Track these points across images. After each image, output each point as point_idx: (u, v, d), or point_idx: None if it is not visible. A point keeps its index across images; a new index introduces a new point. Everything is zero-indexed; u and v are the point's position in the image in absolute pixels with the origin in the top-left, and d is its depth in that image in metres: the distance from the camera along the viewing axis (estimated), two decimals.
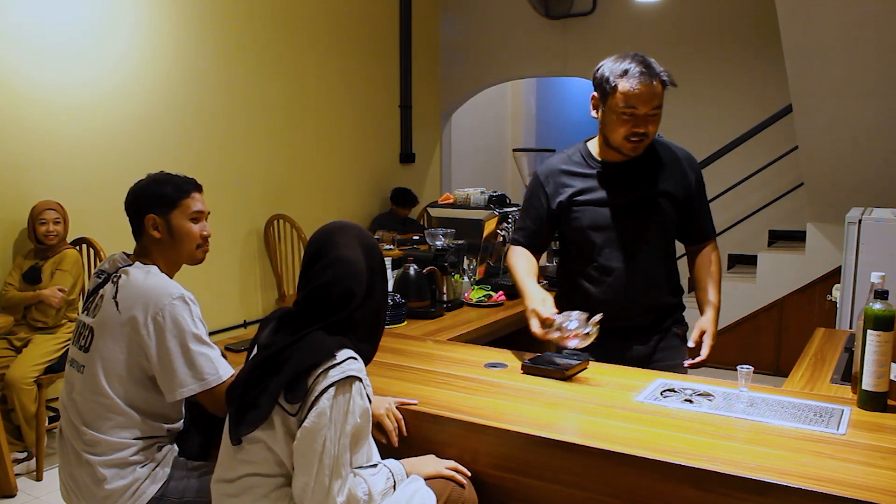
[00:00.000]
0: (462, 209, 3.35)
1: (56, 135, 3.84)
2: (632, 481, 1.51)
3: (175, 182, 1.93)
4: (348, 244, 1.61)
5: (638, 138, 2.07)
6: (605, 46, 6.25)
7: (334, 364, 1.47)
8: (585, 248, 2.20)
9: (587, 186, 2.18)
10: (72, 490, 1.83)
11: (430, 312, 2.79)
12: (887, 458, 1.47)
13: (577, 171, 2.21)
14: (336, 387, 1.46)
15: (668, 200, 2.17)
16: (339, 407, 1.45)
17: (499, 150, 8.26)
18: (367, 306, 1.61)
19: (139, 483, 1.76)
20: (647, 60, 2.05)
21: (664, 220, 2.18)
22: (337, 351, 1.50)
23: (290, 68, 5.28)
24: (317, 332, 1.53)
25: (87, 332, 1.84)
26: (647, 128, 2.06)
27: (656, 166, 2.18)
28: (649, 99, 2.01)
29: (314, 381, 1.47)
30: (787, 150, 4.93)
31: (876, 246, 3.00)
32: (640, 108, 2.02)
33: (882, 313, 1.67)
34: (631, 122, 2.04)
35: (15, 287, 3.48)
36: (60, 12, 3.82)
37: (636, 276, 2.17)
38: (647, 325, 2.23)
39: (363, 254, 1.62)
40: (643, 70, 2.01)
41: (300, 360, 1.49)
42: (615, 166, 2.17)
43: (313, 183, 5.58)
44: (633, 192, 2.16)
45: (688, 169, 2.22)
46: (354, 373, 1.48)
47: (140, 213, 1.90)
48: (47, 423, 3.41)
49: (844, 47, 3.60)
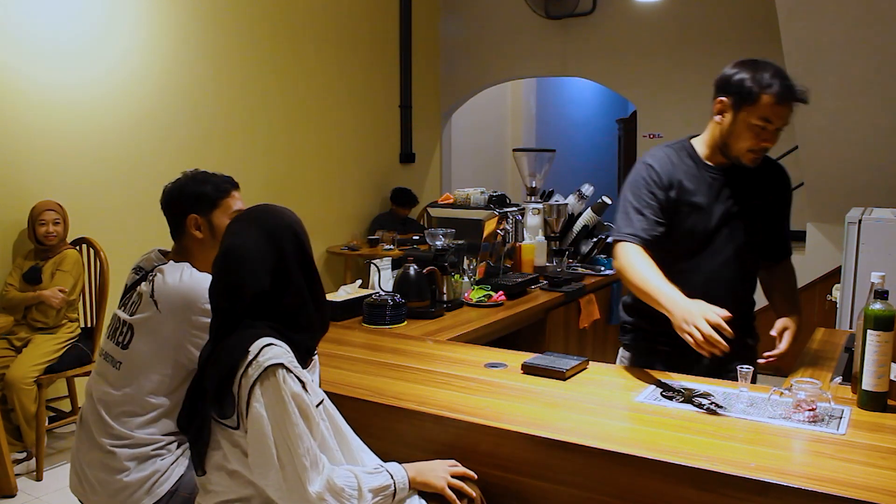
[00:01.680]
0: (462, 209, 3.35)
1: (56, 135, 3.84)
2: (632, 481, 1.51)
3: (214, 181, 1.93)
4: (242, 231, 1.52)
5: (761, 150, 2.04)
6: (605, 46, 6.26)
7: (251, 361, 1.39)
8: (677, 250, 2.11)
9: (694, 188, 2.11)
10: (84, 479, 1.83)
11: (430, 312, 2.79)
12: (887, 458, 1.47)
13: (687, 170, 2.14)
14: (259, 383, 1.38)
15: (765, 213, 2.16)
16: (272, 402, 1.37)
17: (499, 150, 8.26)
18: (287, 293, 1.49)
19: (157, 476, 1.77)
20: (786, 74, 2.00)
21: (757, 232, 2.14)
22: (250, 345, 1.40)
23: (290, 69, 5.28)
24: (226, 337, 1.45)
25: (125, 329, 1.84)
26: (773, 142, 2.03)
27: (760, 178, 2.15)
28: (786, 115, 1.99)
29: (238, 386, 1.39)
30: (788, 150, 4.93)
31: (876, 246, 3.00)
32: (775, 123, 1.99)
33: (882, 313, 1.67)
34: (762, 135, 2.00)
35: (15, 287, 3.48)
36: (60, 12, 3.82)
37: (723, 285, 2.10)
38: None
39: (264, 238, 1.49)
40: (789, 86, 1.97)
41: (217, 371, 1.41)
42: (724, 172, 2.12)
43: (313, 183, 5.58)
44: (737, 202, 2.11)
45: (780, 184, 2.20)
46: (272, 361, 1.39)
47: (181, 213, 1.89)
48: (47, 423, 3.41)
49: (844, 47, 3.60)
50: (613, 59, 6.17)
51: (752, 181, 2.12)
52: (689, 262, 2.11)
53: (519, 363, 2.08)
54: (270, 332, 1.44)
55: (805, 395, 1.66)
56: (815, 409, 1.65)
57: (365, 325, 2.64)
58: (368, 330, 2.59)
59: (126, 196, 4.14)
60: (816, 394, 1.67)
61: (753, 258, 2.19)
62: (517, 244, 3.50)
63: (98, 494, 1.80)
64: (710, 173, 2.12)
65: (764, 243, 2.19)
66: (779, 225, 2.21)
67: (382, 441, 1.85)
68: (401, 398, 1.85)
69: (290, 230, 1.53)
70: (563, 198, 3.88)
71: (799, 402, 1.66)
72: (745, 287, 2.20)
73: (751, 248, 2.14)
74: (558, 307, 3.19)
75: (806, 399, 1.65)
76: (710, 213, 2.09)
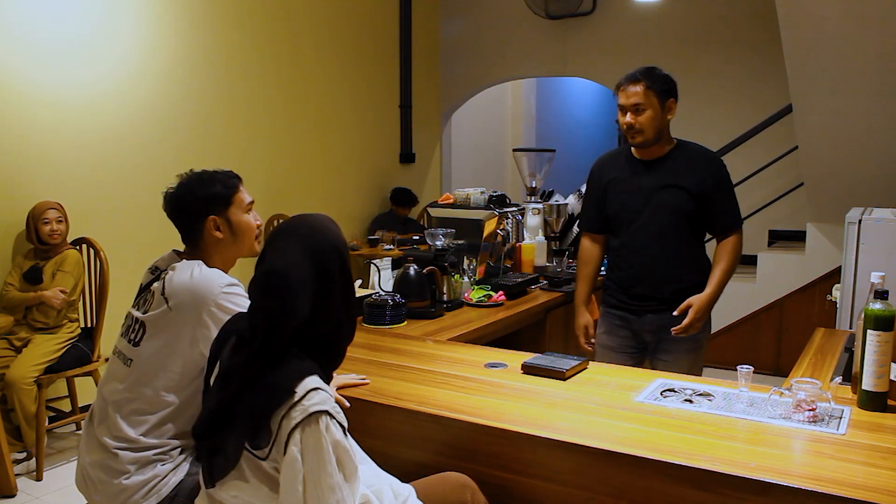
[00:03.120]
0: (462, 209, 3.35)
1: (56, 135, 3.83)
2: (632, 481, 1.51)
3: (221, 179, 1.92)
4: (286, 248, 1.44)
5: (627, 128, 2.52)
6: (605, 46, 6.26)
7: (295, 402, 1.32)
8: (612, 228, 2.67)
9: (622, 176, 2.63)
10: (87, 477, 1.83)
11: (430, 312, 2.79)
12: (887, 458, 1.47)
13: (617, 163, 2.67)
14: (301, 428, 1.32)
15: (683, 192, 2.51)
16: (310, 449, 1.31)
17: (499, 150, 8.26)
18: (325, 321, 1.43)
19: (157, 480, 1.76)
20: (644, 69, 2.55)
21: (678, 207, 2.52)
22: (296, 385, 1.34)
23: (291, 69, 5.28)
24: (268, 367, 1.38)
25: (137, 327, 1.84)
26: (634, 122, 2.48)
27: (676, 164, 2.55)
28: (628, 96, 2.49)
29: (278, 424, 1.33)
30: (787, 150, 4.93)
31: (876, 246, 2.99)
32: (620, 100, 2.52)
33: (882, 313, 1.67)
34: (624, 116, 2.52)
35: (16, 287, 3.47)
36: (61, 12, 3.82)
37: (653, 255, 2.56)
38: (668, 298, 2.55)
39: (309, 261, 1.42)
40: (626, 75, 2.54)
41: (257, 404, 1.35)
42: (650, 162, 2.59)
43: (313, 183, 5.58)
44: (652, 183, 2.55)
45: (705, 169, 2.54)
46: (318, 407, 1.32)
47: (197, 217, 1.88)
48: (47, 423, 3.41)
49: (844, 46, 3.60)
50: (613, 59, 6.17)
51: (676, 168, 2.54)
52: (622, 239, 2.63)
53: (519, 363, 2.08)
54: (315, 369, 1.38)
55: (805, 395, 1.66)
56: (815, 409, 1.65)
57: (365, 325, 2.64)
58: (368, 330, 2.59)
59: (126, 196, 4.14)
60: (816, 394, 1.67)
61: (685, 230, 2.55)
62: (517, 244, 3.50)
63: (99, 493, 1.80)
64: (637, 164, 2.60)
65: (702, 220, 2.56)
66: (709, 203, 2.53)
67: (382, 441, 1.85)
68: (401, 398, 1.85)
69: (336, 252, 1.46)
70: (563, 198, 3.88)
71: (799, 402, 1.66)
72: (682, 254, 2.57)
73: (677, 221, 2.53)
74: (558, 307, 3.19)
75: (806, 399, 1.66)
76: (637, 192, 2.57)
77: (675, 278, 2.57)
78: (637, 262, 2.60)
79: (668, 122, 2.55)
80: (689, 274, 2.57)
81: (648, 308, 2.60)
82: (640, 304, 2.61)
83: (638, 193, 2.57)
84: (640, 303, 2.61)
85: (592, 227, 2.78)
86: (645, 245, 2.58)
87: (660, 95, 2.49)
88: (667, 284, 2.57)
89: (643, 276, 2.60)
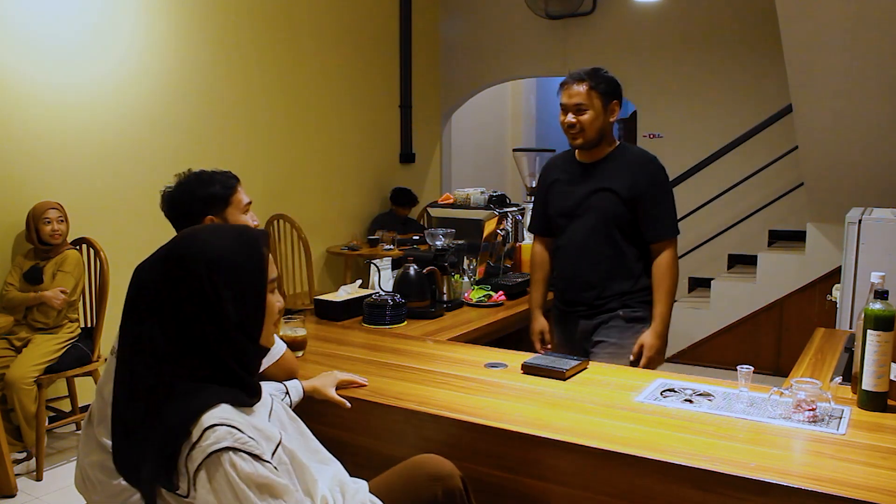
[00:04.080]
0: (462, 209, 3.35)
1: (56, 135, 3.83)
2: (632, 481, 1.51)
3: (219, 179, 1.93)
4: (149, 267, 1.35)
5: (568, 127, 2.48)
6: (605, 46, 6.26)
7: (193, 443, 1.23)
8: (554, 227, 2.66)
9: (563, 178, 2.62)
10: (86, 478, 1.83)
11: (430, 312, 2.79)
12: (887, 458, 1.47)
13: (562, 165, 2.66)
14: (205, 470, 1.23)
15: (614, 195, 2.47)
16: (223, 490, 1.23)
17: (499, 150, 8.26)
18: (213, 339, 1.31)
19: None
20: (589, 69, 2.49)
21: (607, 212, 2.48)
22: (192, 425, 1.24)
23: (291, 69, 5.28)
24: (163, 396, 1.28)
25: None
26: (575, 121, 2.45)
27: (612, 167, 2.51)
28: (569, 95, 2.46)
29: (184, 467, 1.25)
30: (787, 150, 4.93)
31: (876, 246, 2.99)
32: (562, 98, 2.49)
33: (882, 313, 1.67)
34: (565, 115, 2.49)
35: (16, 287, 3.47)
36: (60, 12, 3.82)
37: (580, 257, 2.54)
38: (593, 303, 2.54)
39: (168, 280, 1.32)
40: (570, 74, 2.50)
41: (159, 447, 1.26)
42: (589, 165, 2.56)
43: (313, 183, 5.58)
44: (587, 186, 2.52)
45: (638, 171, 2.48)
46: (216, 446, 1.23)
47: (195, 217, 1.89)
48: (47, 423, 3.41)
49: (844, 47, 3.60)
50: (613, 59, 6.16)
51: (611, 171, 2.50)
52: (558, 242, 2.62)
53: (519, 363, 2.08)
54: (219, 396, 1.28)
55: (805, 395, 1.66)
56: (815, 409, 1.65)
57: (365, 325, 2.64)
58: (368, 330, 2.59)
59: (126, 196, 4.14)
60: (816, 394, 1.67)
61: (614, 235, 2.49)
62: (517, 244, 3.50)
63: (98, 494, 1.80)
64: (578, 167, 2.58)
65: (634, 225, 2.48)
66: (640, 207, 2.46)
67: (382, 441, 1.85)
68: (401, 398, 1.85)
69: (206, 267, 1.31)
70: None
71: (799, 402, 1.66)
72: (608, 259, 2.51)
73: (605, 225, 2.48)
74: None
75: (806, 399, 1.66)
76: (572, 195, 2.55)
77: (599, 284, 2.52)
78: (567, 267, 2.60)
79: (610, 125, 2.51)
80: (615, 281, 2.51)
81: (579, 313, 2.58)
82: (570, 308, 2.61)
83: (573, 196, 2.55)
84: (570, 308, 2.60)
85: (537, 229, 2.77)
86: (574, 249, 2.56)
87: (603, 97, 2.45)
88: (589, 290, 2.54)
89: (571, 281, 2.59)
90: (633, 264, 2.52)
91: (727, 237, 5.42)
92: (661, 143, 6.04)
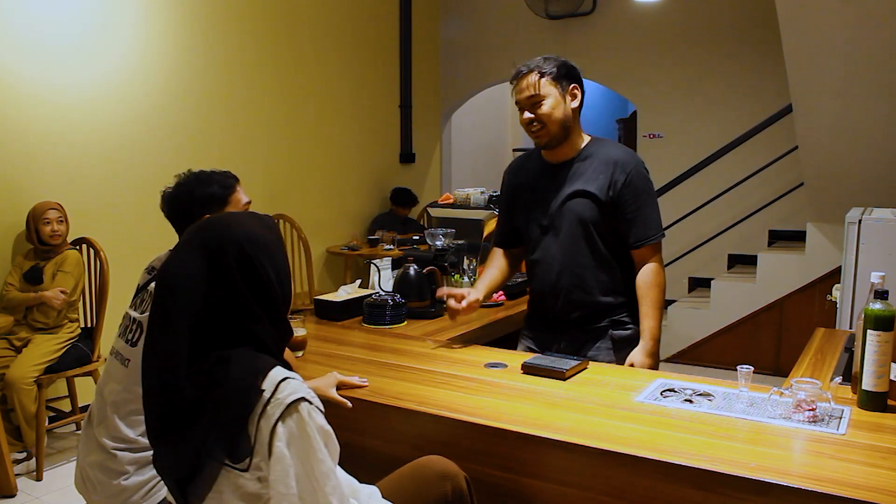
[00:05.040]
0: (462, 209, 3.35)
1: (56, 135, 3.84)
2: (632, 481, 1.51)
3: (218, 179, 1.93)
4: (180, 248, 1.37)
5: (527, 124, 2.23)
6: (605, 46, 6.26)
7: (268, 399, 1.24)
8: (525, 241, 2.39)
9: (533, 183, 2.33)
10: (86, 478, 1.83)
11: (430, 312, 2.79)
12: (887, 458, 1.47)
13: (528, 168, 2.39)
14: (283, 422, 1.23)
15: (589, 200, 2.21)
16: (296, 441, 1.24)
17: (499, 150, 8.26)
18: (245, 315, 1.32)
19: (156, 480, 1.77)
20: (540, 59, 2.27)
21: (584, 219, 2.22)
22: (261, 382, 1.25)
23: (291, 68, 5.28)
24: (220, 366, 1.27)
25: (134, 327, 1.84)
26: (533, 117, 2.20)
27: (585, 166, 2.25)
28: (522, 90, 2.22)
29: (256, 426, 1.24)
30: (787, 150, 4.93)
31: (876, 246, 2.99)
32: (515, 96, 2.24)
33: (882, 313, 1.67)
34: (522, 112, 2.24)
35: (16, 287, 3.48)
36: (61, 12, 3.82)
37: (560, 273, 2.26)
38: (576, 322, 2.28)
39: (201, 257, 1.32)
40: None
41: (227, 414, 1.25)
42: (560, 166, 2.29)
43: (313, 183, 5.58)
44: (559, 191, 2.25)
45: (617, 172, 2.20)
46: (294, 396, 1.25)
47: (194, 217, 1.87)
48: (47, 423, 3.41)
49: (844, 47, 3.60)
50: (613, 59, 6.17)
51: (584, 172, 2.23)
52: (532, 256, 2.33)
53: (519, 363, 2.08)
54: (273, 362, 1.30)
55: (805, 395, 1.66)
56: (815, 409, 1.65)
57: (365, 325, 2.64)
58: (368, 330, 2.59)
59: (126, 196, 4.14)
60: (816, 394, 1.67)
61: (595, 245, 2.23)
62: None
63: (98, 494, 1.80)
64: (545, 168, 2.30)
65: (613, 232, 2.24)
66: (619, 210, 2.21)
67: (383, 441, 1.85)
68: (401, 398, 1.85)
69: (234, 246, 1.32)
70: None
71: (799, 402, 1.66)
72: (591, 273, 2.24)
73: (583, 234, 2.22)
74: None
75: (806, 399, 1.66)
76: (541, 203, 2.28)
77: (583, 303, 2.25)
78: (545, 285, 2.30)
79: (575, 113, 2.23)
80: (601, 296, 2.25)
81: (563, 335, 2.31)
82: (552, 330, 2.33)
83: (543, 204, 2.27)
84: (552, 330, 2.33)
85: (502, 241, 2.48)
86: (552, 265, 2.27)
87: (558, 82, 2.19)
88: (574, 310, 2.26)
89: (552, 300, 2.29)
90: (618, 275, 2.27)
91: (727, 237, 5.42)
92: (661, 143, 6.04)
